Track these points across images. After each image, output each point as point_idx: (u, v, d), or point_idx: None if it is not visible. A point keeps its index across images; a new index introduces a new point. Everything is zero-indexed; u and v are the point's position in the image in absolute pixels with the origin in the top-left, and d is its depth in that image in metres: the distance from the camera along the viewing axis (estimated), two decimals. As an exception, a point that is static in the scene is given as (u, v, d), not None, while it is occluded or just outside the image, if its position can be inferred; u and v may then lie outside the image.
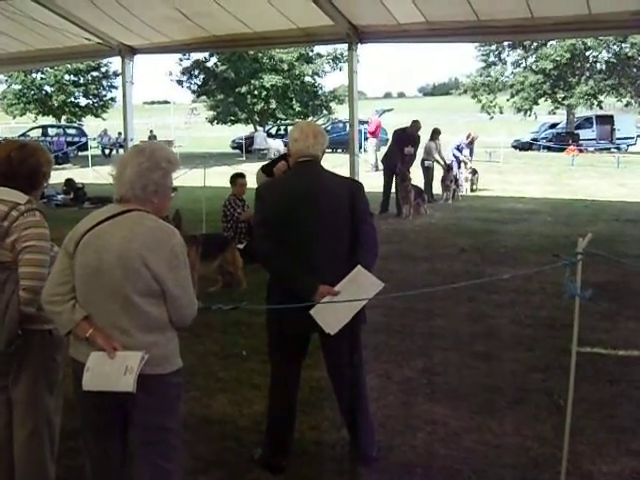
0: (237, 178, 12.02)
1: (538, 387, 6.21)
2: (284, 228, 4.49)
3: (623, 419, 5.51)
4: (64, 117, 52.53)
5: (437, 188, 19.71)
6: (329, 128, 39.28)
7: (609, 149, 44.05)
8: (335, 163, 12.14)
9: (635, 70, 49.46)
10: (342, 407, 4.89)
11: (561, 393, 5.69)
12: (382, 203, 17.26)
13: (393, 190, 17.31)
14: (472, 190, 21.87)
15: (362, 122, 32.28)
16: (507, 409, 5.75)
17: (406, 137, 17.78)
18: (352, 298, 4.43)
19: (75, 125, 49.55)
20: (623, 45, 47.62)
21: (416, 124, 18.01)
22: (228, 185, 11.86)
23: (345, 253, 4.57)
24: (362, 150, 28.33)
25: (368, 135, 30.85)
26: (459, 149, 21.19)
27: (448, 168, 19.70)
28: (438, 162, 19.81)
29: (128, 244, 3.34)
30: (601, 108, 51.83)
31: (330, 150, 32.59)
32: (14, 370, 4.01)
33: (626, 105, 52.93)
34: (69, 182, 20.35)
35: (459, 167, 20.75)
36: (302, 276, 4.46)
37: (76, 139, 42.06)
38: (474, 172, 22.05)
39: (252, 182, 10.29)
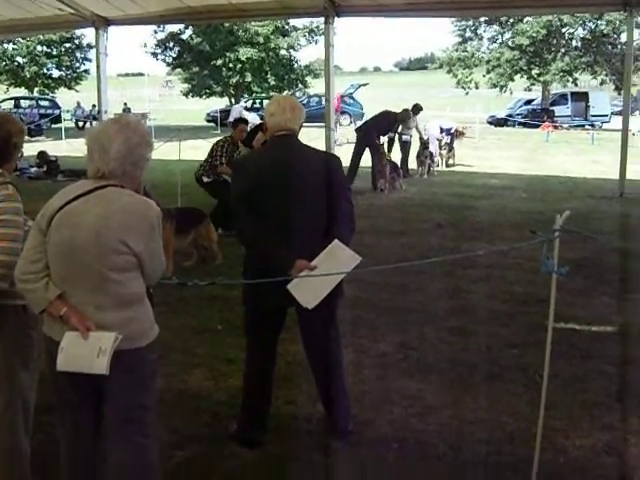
0: (239, 122, 12.16)
1: (513, 362, 6.24)
2: (261, 202, 4.46)
3: (596, 394, 5.55)
4: (37, 89, 51.91)
5: (412, 162, 19.71)
6: (305, 102, 39.05)
7: (584, 126, 44.26)
8: (311, 137, 12.08)
9: (610, 48, 49.64)
10: (318, 381, 4.87)
11: (536, 368, 5.73)
12: (348, 173, 17.18)
13: (363, 164, 17.19)
14: (447, 165, 21.92)
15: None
16: (482, 384, 5.77)
17: (390, 122, 17.67)
18: (329, 272, 4.40)
19: (48, 97, 48.95)
20: (599, 22, 47.78)
21: (405, 113, 17.96)
22: (203, 158, 11.76)
23: (322, 227, 4.55)
24: (338, 124, 28.28)
25: (336, 109, 30.92)
26: (442, 131, 21.29)
27: (424, 143, 19.70)
28: (421, 137, 19.81)
29: (105, 221, 3.29)
30: (576, 85, 52.08)
31: (306, 124, 32.40)
32: (-13, 346, 3.97)
33: (601, 83, 53.15)
34: (42, 155, 20.13)
35: (436, 144, 20.80)
36: (279, 250, 4.43)
37: (49, 111, 41.62)
38: (450, 148, 22.09)
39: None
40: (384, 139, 17.52)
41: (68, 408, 3.54)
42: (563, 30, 49.49)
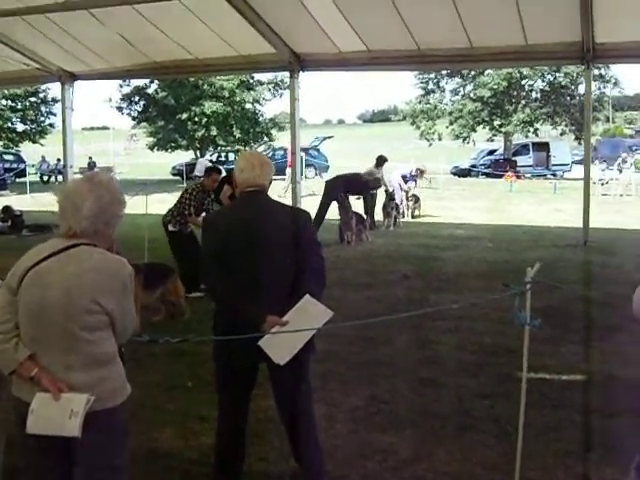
0: (212, 171, 12.05)
1: (485, 414, 6.24)
2: (231, 259, 4.47)
3: (569, 443, 5.57)
4: (0, 143, 51.66)
5: (378, 214, 19.83)
6: (270, 155, 39.25)
7: (545, 175, 44.96)
8: (275, 190, 12.11)
9: (569, 99, 50.68)
10: (290, 436, 4.80)
11: (508, 419, 5.73)
12: (313, 224, 17.22)
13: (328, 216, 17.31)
14: (413, 217, 22.07)
15: (303, 149, 32.58)
16: (455, 436, 5.77)
17: (360, 185, 18.00)
18: (301, 327, 4.36)
19: (12, 151, 48.74)
20: (557, 75, 48.84)
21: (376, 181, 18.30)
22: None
23: (291, 283, 4.53)
24: (304, 176, 28.57)
25: (289, 164, 31.46)
26: (405, 179, 21.43)
27: (390, 195, 19.86)
28: (386, 189, 20.01)
29: (76, 281, 3.26)
30: (537, 135, 52.92)
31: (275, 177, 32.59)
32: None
33: (561, 134, 54.12)
34: (7, 209, 19.95)
35: (401, 195, 20.93)
36: (249, 306, 4.40)
37: (14, 165, 41.43)
38: (416, 199, 22.27)
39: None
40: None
41: (37, 471, 3.44)
42: (523, 82, 50.46)
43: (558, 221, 20.90)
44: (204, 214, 11.48)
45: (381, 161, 19.94)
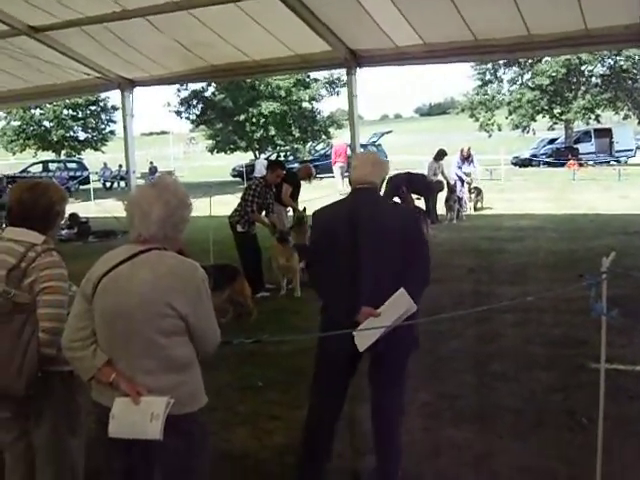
0: (276, 166, 12.21)
1: (559, 407, 6.16)
2: (334, 251, 4.67)
3: (649, 436, 5.46)
4: (64, 151, 52.71)
5: (441, 208, 19.70)
6: (329, 153, 39.23)
7: (609, 162, 44.08)
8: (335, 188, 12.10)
9: (631, 83, 49.60)
10: (374, 426, 4.87)
11: (583, 412, 5.64)
12: None
13: None
14: (476, 209, 21.86)
15: (363, 145, 32.71)
16: (530, 430, 5.70)
17: (419, 184, 17.86)
18: (389, 320, 4.48)
19: (75, 159, 49.67)
20: (618, 58, 47.83)
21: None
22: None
23: (393, 277, 4.60)
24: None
25: (334, 160, 31.91)
26: (459, 167, 21.17)
27: (451, 188, 19.71)
28: (448, 181, 19.86)
29: (149, 286, 3.30)
30: (599, 122, 51.87)
31: (328, 175, 32.76)
32: (35, 413, 3.97)
33: (624, 118, 52.99)
34: (73, 217, 20.28)
35: (462, 186, 20.73)
36: (347, 298, 4.58)
37: (77, 173, 42.17)
38: (478, 192, 22.04)
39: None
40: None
41: (119, 475, 3.50)
42: (582, 68, 49.53)
43: (624, 208, 20.50)
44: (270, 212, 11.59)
45: (441, 155, 19.80)
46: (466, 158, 21.29)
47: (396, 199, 17.02)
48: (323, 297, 4.88)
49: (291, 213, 13.58)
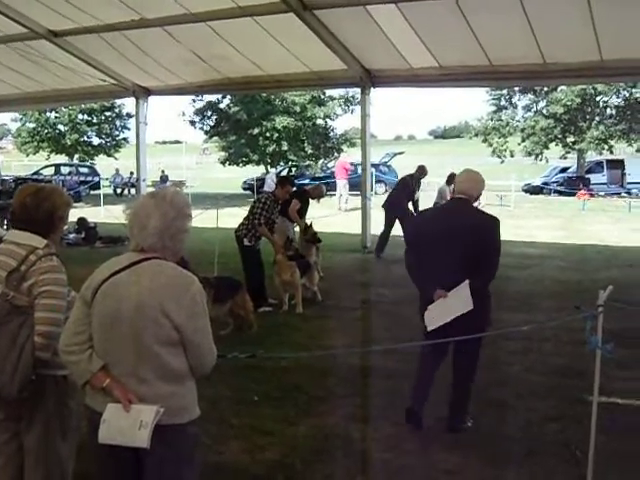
0: (286, 182, 12.18)
1: (554, 437, 6.13)
2: (427, 246, 6.11)
3: (642, 472, 5.41)
4: (76, 156, 52.87)
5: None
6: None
7: (620, 194, 43.95)
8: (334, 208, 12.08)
9: (645, 115, 49.53)
10: (454, 381, 6.46)
11: (577, 444, 5.61)
12: (378, 246, 17.12)
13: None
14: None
15: (374, 165, 32.82)
16: (524, 460, 5.67)
17: (413, 183, 17.67)
18: (452, 307, 5.88)
19: (87, 164, 49.84)
20: (633, 90, 47.79)
21: (422, 169, 17.92)
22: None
23: (466, 272, 5.87)
24: (374, 192, 28.80)
25: (337, 176, 32.71)
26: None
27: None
28: None
29: (148, 294, 3.31)
30: (612, 153, 51.77)
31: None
32: (27, 416, 3.98)
33: (637, 151, 52.90)
34: (81, 221, 20.33)
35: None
36: (429, 282, 6.11)
37: (89, 178, 42.24)
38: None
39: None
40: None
41: (107, 479, 3.51)
42: (597, 98, 49.48)
43: (633, 241, 20.41)
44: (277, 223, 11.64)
45: (452, 178, 19.79)
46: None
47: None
48: (413, 279, 6.41)
49: (297, 229, 13.57)
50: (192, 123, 48.71)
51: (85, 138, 52.43)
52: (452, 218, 6.11)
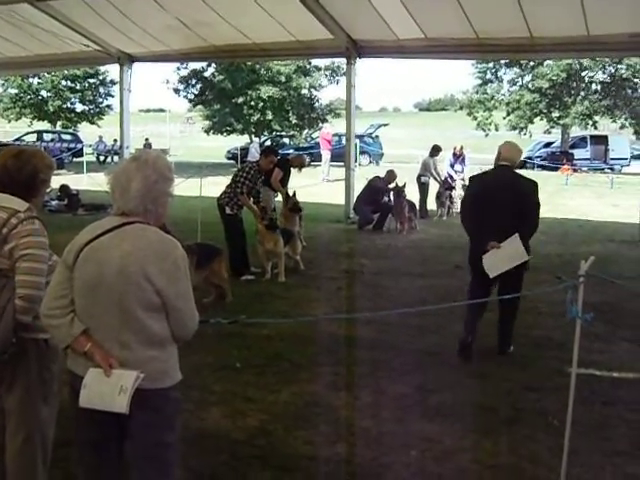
0: (270, 152, 12.26)
1: (532, 407, 6.19)
2: (480, 205, 7.46)
3: (618, 442, 5.49)
4: (59, 123, 52.41)
5: (432, 204, 19.69)
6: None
7: (603, 169, 44.07)
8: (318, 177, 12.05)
9: (630, 92, 49.59)
10: (500, 315, 7.84)
11: (555, 414, 5.67)
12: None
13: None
14: (466, 207, 21.77)
15: (359, 136, 32.79)
16: (502, 428, 5.72)
17: (378, 188, 17.45)
18: (506, 256, 7.23)
19: (70, 131, 49.42)
20: (619, 66, 47.78)
21: (390, 174, 17.77)
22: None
23: (513, 226, 7.23)
24: (358, 164, 28.78)
25: (322, 148, 33.01)
26: (451, 166, 21.14)
27: (444, 185, 19.70)
28: (435, 178, 19.80)
29: (129, 257, 3.28)
30: (596, 128, 51.84)
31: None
32: (7, 378, 3.97)
33: (621, 127, 53.00)
34: (64, 188, 20.21)
35: (453, 183, 20.69)
36: (483, 235, 7.39)
37: (71, 145, 41.89)
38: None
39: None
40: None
41: (89, 445, 3.49)
42: (583, 74, 49.43)
43: (614, 216, 20.50)
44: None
45: (436, 151, 19.80)
46: (458, 157, 21.26)
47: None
48: (469, 233, 7.81)
49: (279, 198, 13.54)
50: (176, 91, 48.39)
51: (68, 105, 51.95)
52: (500, 181, 7.51)
